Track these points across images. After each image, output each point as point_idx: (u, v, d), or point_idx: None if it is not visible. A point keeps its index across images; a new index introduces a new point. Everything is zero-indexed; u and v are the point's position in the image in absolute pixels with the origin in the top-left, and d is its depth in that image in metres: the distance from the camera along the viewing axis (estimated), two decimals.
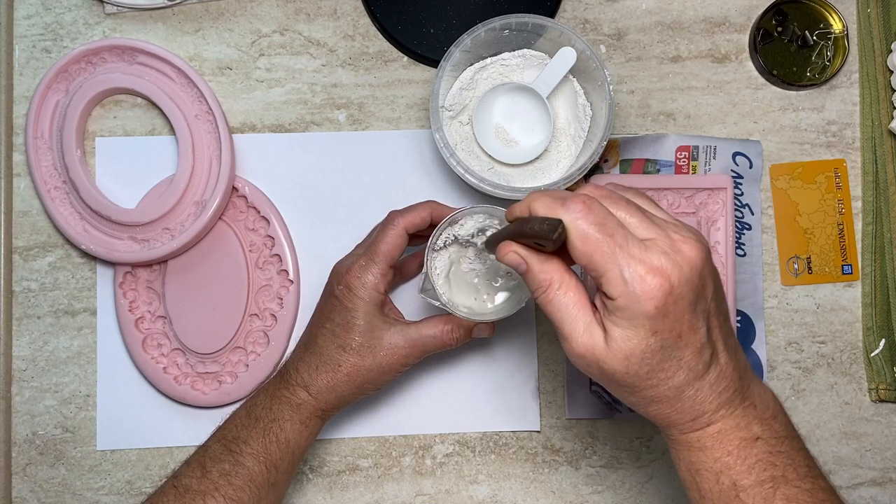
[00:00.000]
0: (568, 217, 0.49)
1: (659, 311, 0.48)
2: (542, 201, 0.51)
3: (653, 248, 0.49)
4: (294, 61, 0.78)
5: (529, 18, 0.70)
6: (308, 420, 0.66)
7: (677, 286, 0.48)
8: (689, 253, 0.49)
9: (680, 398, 0.51)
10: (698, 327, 0.50)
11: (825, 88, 0.79)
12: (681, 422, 0.52)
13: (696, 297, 0.50)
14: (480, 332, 0.68)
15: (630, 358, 0.49)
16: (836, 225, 0.78)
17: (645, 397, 0.51)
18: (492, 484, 0.77)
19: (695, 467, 0.53)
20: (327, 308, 0.67)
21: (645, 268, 0.48)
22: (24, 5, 0.78)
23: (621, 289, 0.48)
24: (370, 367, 0.65)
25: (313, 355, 0.66)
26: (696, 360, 0.50)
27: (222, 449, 0.64)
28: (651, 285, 0.48)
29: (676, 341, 0.49)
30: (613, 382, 0.51)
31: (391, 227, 0.66)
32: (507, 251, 0.53)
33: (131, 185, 0.77)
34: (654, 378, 0.50)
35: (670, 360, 0.50)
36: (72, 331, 0.77)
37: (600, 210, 0.49)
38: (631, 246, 0.49)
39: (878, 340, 0.77)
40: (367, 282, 0.65)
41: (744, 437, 0.52)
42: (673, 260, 0.49)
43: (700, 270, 0.50)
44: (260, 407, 0.66)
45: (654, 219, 0.51)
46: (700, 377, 0.51)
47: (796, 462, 0.52)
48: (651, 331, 0.49)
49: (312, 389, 0.66)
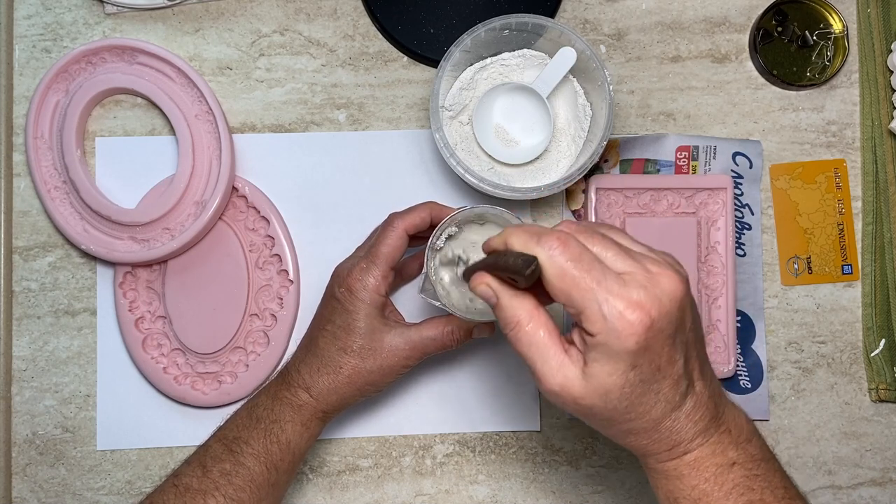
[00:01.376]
0: (543, 254, 0.49)
1: (640, 347, 0.48)
2: (518, 236, 0.50)
3: (631, 283, 0.48)
4: (294, 61, 0.78)
5: (529, 18, 0.70)
6: (309, 422, 0.66)
7: (657, 320, 0.48)
8: (668, 286, 0.49)
9: (657, 429, 0.51)
10: (676, 359, 0.50)
11: (825, 88, 0.79)
12: (657, 451, 0.52)
13: (675, 329, 0.49)
14: (481, 333, 0.69)
15: (609, 393, 0.49)
16: (836, 225, 0.78)
17: (622, 430, 0.52)
18: (492, 484, 0.77)
19: (673, 496, 0.53)
20: (328, 310, 0.67)
21: (624, 303, 0.47)
22: (24, 5, 0.78)
23: (601, 325, 0.48)
24: (371, 369, 0.66)
25: (314, 357, 0.66)
26: (673, 391, 0.50)
27: (223, 449, 0.64)
28: (631, 320, 0.47)
29: (655, 374, 0.49)
30: (590, 416, 0.51)
31: (391, 230, 0.66)
32: (479, 282, 0.52)
33: (131, 185, 0.77)
34: (632, 412, 0.50)
35: (648, 394, 0.50)
36: (72, 331, 0.77)
37: (576, 246, 0.49)
38: (609, 281, 0.48)
39: (878, 340, 0.77)
40: (367, 284, 0.65)
41: (720, 463, 0.52)
42: (652, 293, 0.48)
43: (679, 302, 0.49)
44: (261, 407, 0.66)
45: (630, 252, 0.51)
46: (677, 408, 0.51)
47: (773, 484, 0.53)
48: (631, 365, 0.48)
49: (314, 391, 0.66)
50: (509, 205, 0.75)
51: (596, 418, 0.51)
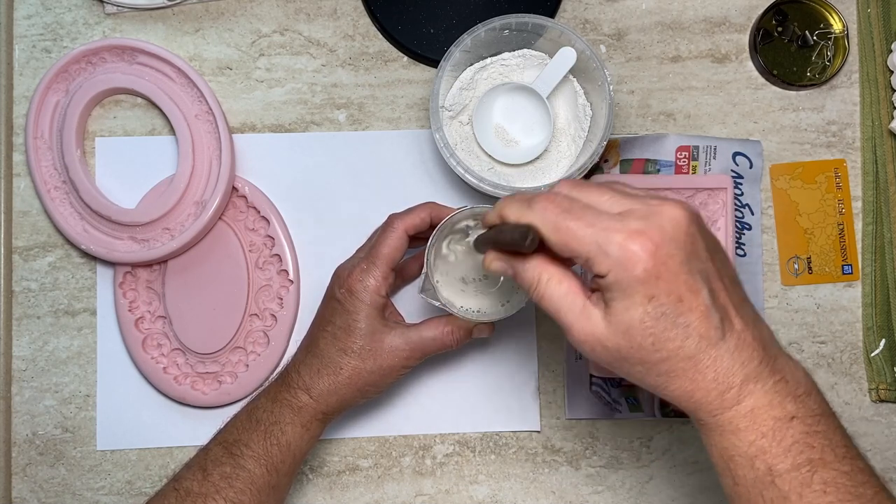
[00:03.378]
0: (535, 216, 0.50)
1: (649, 274, 0.47)
2: (510, 206, 0.52)
3: (629, 217, 0.48)
4: (294, 61, 0.78)
5: (529, 18, 0.70)
6: (309, 423, 0.66)
7: (662, 244, 0.47)
8: (670, 212, 0.48)
9: (697, 369, 0.49)
10: (698, 288, 0.48)
11: (825, 88, 0.79)
12: (708, 400, 0.50)
13: (686, 255, 0.48)
14: (480, 333, 0.69)
15: (631, 330, 0.48)
16: (836, 225, 0.78)
17: (660, 372, 0.49)
18: (492, 484, 0.77)
19: (728, 453, 0.50)
20: (329, 311, 0.67)
21: (623, 235, 0.47)
22: (24, 5, 0.78)
23: (607, 263, 0.48)
24: (371, 370, 0.66)
25: (315, 358, 0.66)
26: (704, 324, 0.48)
27: (223, 452, 0.64)
28: (634, 249, 0.47)
29: (677, 305, 0.48)
30: (623, 360, 0.50)
31: (391, 231, 0.66)
32: (490, 261, 0.54)
33: (131, 185, 0.77)
34: (661, 349, 0.49)
35: (676, 328, 0.48)
36: (72, 331, 0.77)
37: (563, 199, 0.50)
38: (604, 220, 0.48)
39: (878, 340, 0.77)
40: (368, 285, 0.65)
41: (778, 416, 0.49)
42: (652, 221, 0.48)
43: (685, 227, 0.48)
44: (261, 409, 0.66)
45: (628, 193, 0.51)
46: (715, 344, 0.49)
47: (834, 442, 0.50)
48: (646, 296, 0.48)
49: (314, 392, 0.66)
50: None
51: (629, 363, 0.50)
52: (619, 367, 0.51)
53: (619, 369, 0.51)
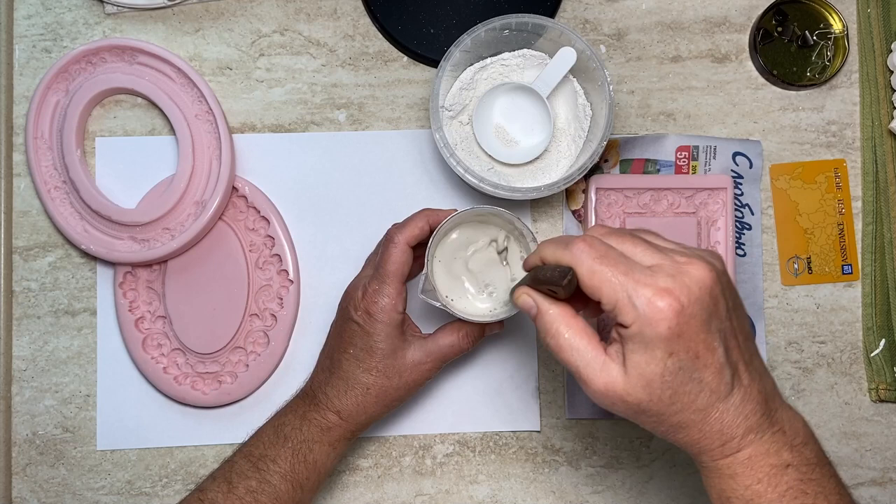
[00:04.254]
0: (573, 258, 0.52)
1: (672, 332, 0.49)
2: (548, 247, 0.54)
3: (659, 272, 0.50)
4: (294, 61, 0.78)
5: (529, 18, 0.70)
6: (337, 442, 0.68)
7: (687, 305, 0.49)
8: (697, 273, 0.50)
9: (706, 421, 0.51)
10: (715, 347, 0.51)
11: (825, 88, 0.79)
12: (710, 448, 0.52)
13: (708, 315, 0.50)
14: (492, 329, 0.71)
15: (651, 384, 0.50)
16: (836, 225, 0.78)
17: (672, 424, 0.52)
18: (492, 484, 0.77)
19: (725, 495, 0.53)
20: (348, 333, 0.67)
21: (652, 290, 0.49)
22: (24, 5, 0.78)
23: (633, 315, 0.49)
24: (397, 387, 0.67)
25: (340, 381, 0.67)
26: (717, 380, 0.51)
27: (249, 466, 0.65)
28: (661, 307, 0.49)
29: (694, 362, 0.50)
30: (641, 413, 0.52)
31: (393, 246, 0.66)
32: (519, 294, 0.56)
33: (131, 185, 0.77)
34: (677, 402, 0.51)
35: (691, 382, 0.50)
36: (72, 331, 0.77)
37: (601, 245, 0.52)
38: (636, 273, 0.50)
39: (878, 340, 0.77)
40: (384, 305, 0.66)
41: (774, 463, 0.52)
42: (680, 281, 0.50)
43: (710, 289, 0.50)
44: (289, 426, 0.67)
45: (659, 248, 0.53)
46: (723, 399, 0.51)
47: (827, 490, 0.52)
48: (667, 352, 0.49)
49: (343, 413, 0.67)
50: (509, 205, 0.75)
51: (646, 415, 0.52)
52: (635, 418, 0.53)
53: (635, 419, 0.53)
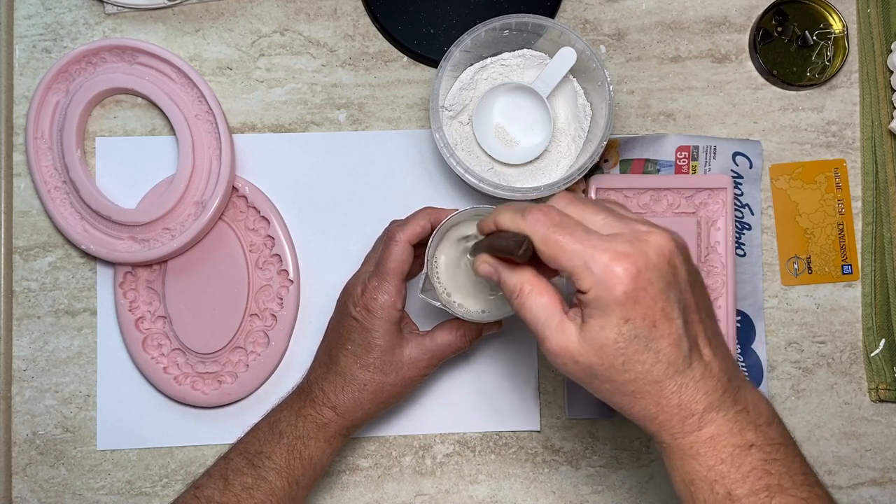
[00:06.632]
0: (527, 226, 0.51)
1: (628, 297, 0.49)
2: (505, 215, 0.54)
3: (616, 239, 0.50)
4: (294, 61, 0.78)
5: (529, 18, 0.70)
6: (332, 438, 0.68)
7: (644, 271, 0.49)
8: (656, 240, 0.50)
9: (662, 394, 0.51)
10: (673, 317, 0.50)
11: (825, 88, 0.79)
12: (670, 423, 0.52)
13: (666, 284, 0.50)
14: (490, 329, 0.71)
15: (604, 348, 0.50)
16: (836, 225, 0.78)
17: (626, 392, 0.51)
18: (492, 484, 0.77)
19: (689, 477, 0.52)
20: (346, 329, 0.67)
21: (609, 255, 0.49)
22: (24, 5, 0.78)
23: (590, 280, 0.49)
24: (394, 383, 0.67)
25: (337, 376, 0.67)
26: (674, 351, 0.50)
27: (245, 462, 0.66)
28: (617, 271, 0.49)
29: (651, 331, 0.49)
30: (593, 377, 0.51)
31: (394, 244, 0.66)
32: (479, 263, 0.56)
33: (131, 185, 0.77)
34: (630, 370, 0.50)
35: (647, 351, 0.50)
36: (72, 331, 0.77)
37: (556, 214, 0.52)
38: (593, 239, 0.50)
39: (878, 340, 0.77)
40: (383, 302, 0.66)
41: (737, 443, 0.51)
42: (637, 247, 0.49)
43: (668, 258, 0.50)
44: (284, 423, 0.67)
45: (620, 216, 0.52)
46: (681, 371, 0.51)
47: (792, 469, 0.52)
48: (622, 318, 0.49)
49: (339, 409, 0.67)
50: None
51: (598, 380, 0.51)
52: (587, 383, 0.52)
53: (587, 385, 0.52)
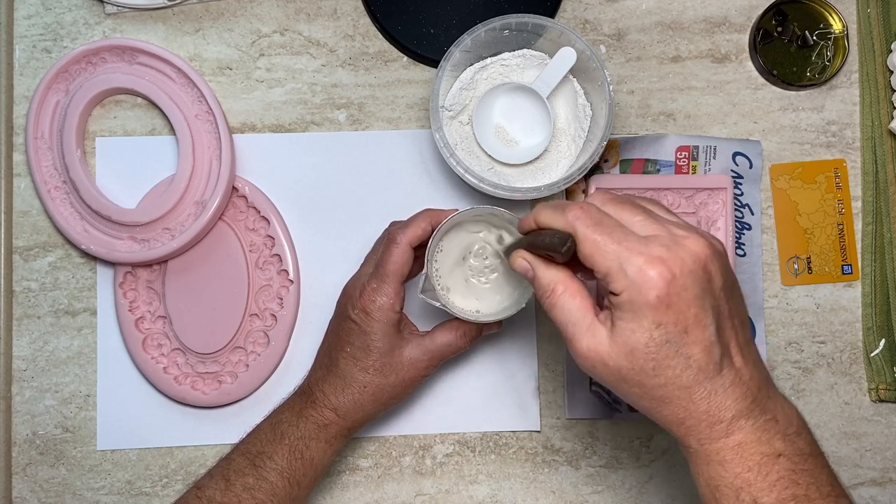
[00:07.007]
0: (567, 224, 0.52)
1: (661, 301, 0.49)
2: (545, 212, 0.54)
3: (653, 242, 0.50)
4: (294, 61, 0.78)
5: (529, 18, 0.70)
6: (333, 439, 0.68)
7: (679, 276, 0.49)
8: (693, 246, 0.50)
9: (691, 399, 0.50)
10: (706, 324, 0.50)
11: (825, 88, 0.79)
12: (697, 429, 0.51)
13: (701, 290, 0.50)
14: (490, 329, 0.71)
15: (634, 352, 0.50)
16: (836, 225, 0.78)
17: (655, 397, 0.51)
18: (492, 484, 0.77)
19: (714, 483, 0.51)
20: (345, 332, 0.67)
21: (644, 259, 0.49)
22: (24, 5, 0.78)
23: (623, 283, 0.49)
24: (394, 384, 0.67)
25: (338, 378, 0.67)
26: (705, 357, 0.50)
27: (247, 463, 0.66)
28: (651, 275, 0.48)
29: (682, 336, 0.49)
30: (622, 381, 0.51)
31: (395, 246, 0.66)
32: (516, 258, 0.56)
33: (131, 185, 0.77)
34: (660, 375, 0.50)
35: (677, 357, 0.50)
36: (72, 331, 0.77)
37: (596, 212, 0.52)
38: (630, 241, 0.50)
39: (878, 340, 0.77)
40: (382, 304, 0.66)
41: (765, 452, 0.51)
42: (674, 252, 0.49)
43: (704, 264, 0.50)
44: (286, 423, 0.67)
45: (658, 218, 0.52)
46: (711, 378, 0.50)
47: (819, 481, 0.51)
48: (654, 322, 0.49)
49: (340, 411, 0.67)
50: (509, 205, 0.75)
51: (627, 383, 0.51)
52: (616, 386, 0.52)
53: (616, 388, 0.52)
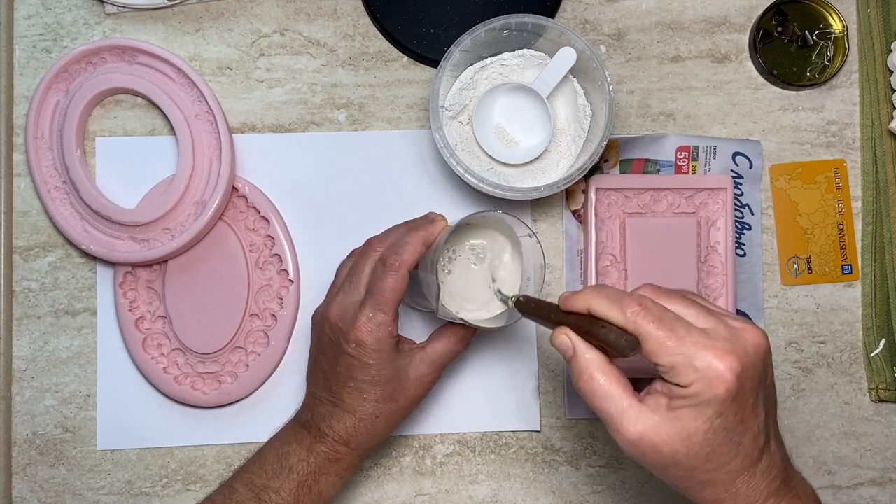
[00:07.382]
0: (627, 321, 0.52)
1: (729, 394, 0.50)
2: (599, 301, 0.53)
3: (716, 336, 0.51)
4: (294, 61, 0.78)
5: (529, 18, 0.70)
6: (345, 471, 0.67)
7: (746, 369, 0.51)
8: (752, 338, 0.52)
9: (734, 483, 0.53)
10: (758, 413, 0.52)
11: (825, 88, 0.79)
12: None
13: (758, 381, 0.52)
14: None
15: (692, 438, 0.51)
16: (836, 225, 0.78)
17: (700, 480, 0.53)
18: (492, 484, 0.77)
19: None
20: (344, 367, 0.65)
21: (713, 353, 0.50)
22: (24, 5, 0.78)
23: (692, 377, 0.50)
24: (404, 406, 0.67)
25: (346, 413, 0.65)
26: (752, 445, 0.52)
27: (251, 496, 0.64)
28: (721, 370, 0.50)
29: (738, 425, 0.51)
30: (672, 465, 0.52)
31: (393, 273, 0.63)
32: (559, 334, 0.55)
33: (131, 185, 0.77)
34: (713, 461, 0.52)
35: (730, 444, 0.52)
36: (72, 331, 0.77)
37: (656, 307, 0.52)
38: (694, 335, 0.51)
39: (878, 340, 0.77)
40: (379, 335, 0.63)
41: None
42: (738, 344, 0.51)
43: (763, 355, 0.52)
44: (294, 458, 0.65)
45: (709, 311, 0.54)
46: (754, 464, 0.53)
47: None
48: (718, 412, 0.50)
49: (353, 443, 0.66)
50: (509, 205, 0.75)
51: (676, 468, 0.52)
52: (663, 469, 0.53)
53: (662, 471, 0.53)
